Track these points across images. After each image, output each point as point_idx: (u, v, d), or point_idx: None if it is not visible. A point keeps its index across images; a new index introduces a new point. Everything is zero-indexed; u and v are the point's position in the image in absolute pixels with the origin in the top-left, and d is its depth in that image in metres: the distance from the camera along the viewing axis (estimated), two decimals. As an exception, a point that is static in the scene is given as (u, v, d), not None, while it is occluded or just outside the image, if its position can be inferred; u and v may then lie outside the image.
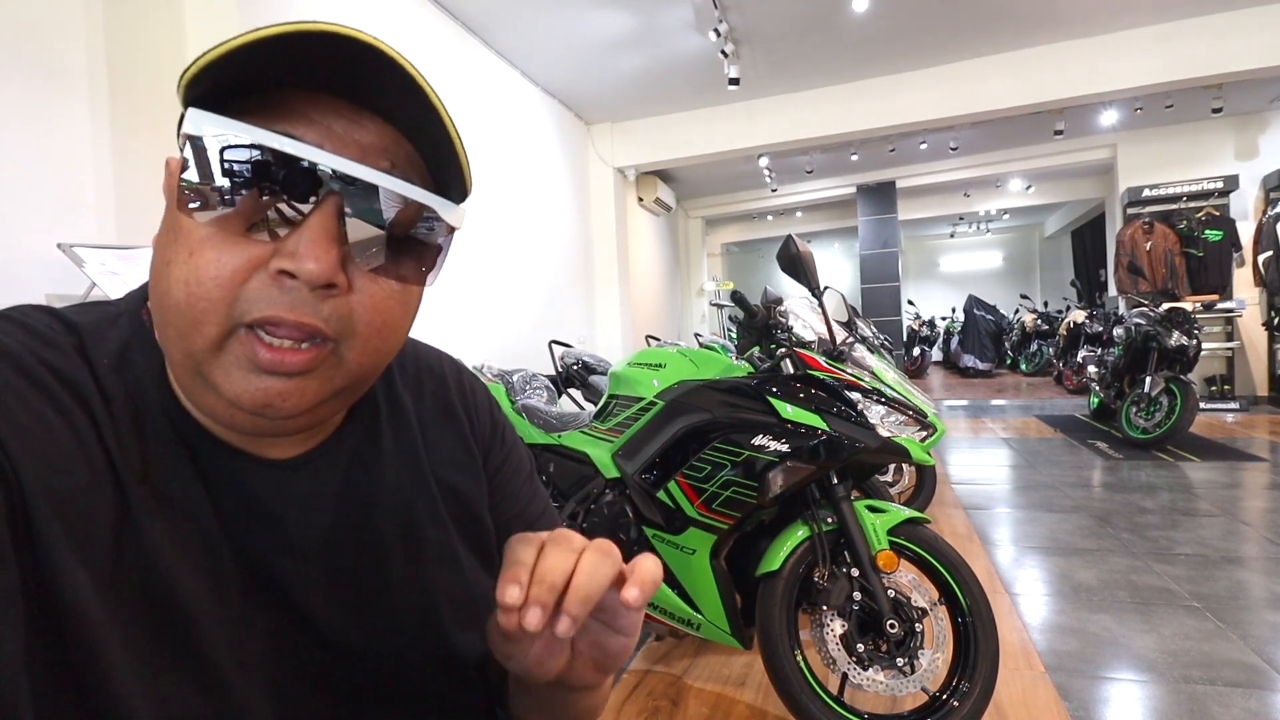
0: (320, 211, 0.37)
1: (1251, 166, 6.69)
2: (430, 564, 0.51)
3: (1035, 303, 11.49)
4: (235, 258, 0.37)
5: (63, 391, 0.37)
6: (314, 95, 0.39)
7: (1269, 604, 2.19)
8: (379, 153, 0.40)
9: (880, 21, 4.49)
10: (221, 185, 0.37)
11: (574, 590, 0.37)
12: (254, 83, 0.38)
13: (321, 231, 0.37)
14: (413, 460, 0.53)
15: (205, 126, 0.36)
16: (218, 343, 0.37)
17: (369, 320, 0.40)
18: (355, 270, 0.39)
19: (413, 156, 0.42)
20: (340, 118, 0.39)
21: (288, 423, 0.40)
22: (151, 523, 0.38)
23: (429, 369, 0.59)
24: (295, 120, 0.38)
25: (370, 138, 0.40)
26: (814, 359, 1.75)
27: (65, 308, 0.43)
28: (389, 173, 0.39)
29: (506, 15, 4.11)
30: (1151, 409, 4.72)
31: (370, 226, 0.39)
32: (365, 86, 0.39)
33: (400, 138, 0.41)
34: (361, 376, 0.42)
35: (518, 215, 4.77)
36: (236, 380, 0.38)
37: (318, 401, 0.40)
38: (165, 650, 0.37)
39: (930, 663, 1.46)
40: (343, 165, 0.37)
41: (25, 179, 2.03)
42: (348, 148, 0.39)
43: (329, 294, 0.38)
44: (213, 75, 0.36)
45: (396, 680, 0.48)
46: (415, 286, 0.43)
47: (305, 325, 0.37)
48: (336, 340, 0.39)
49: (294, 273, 0.36)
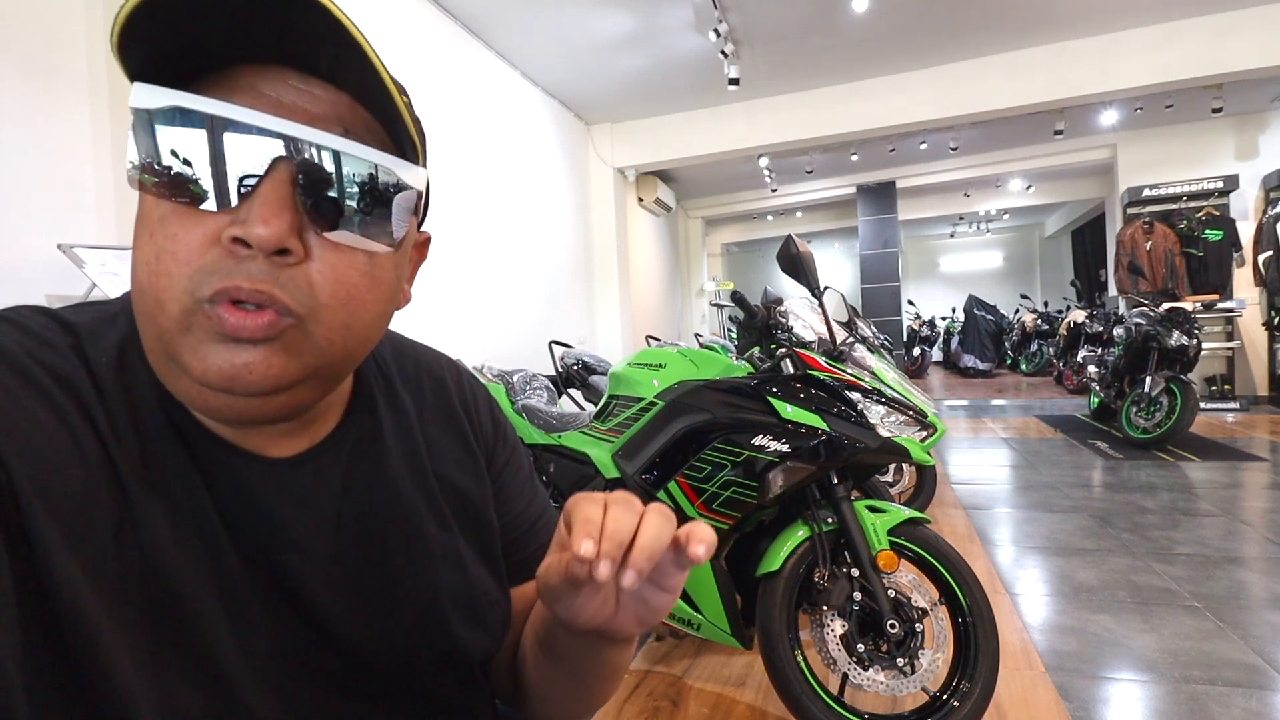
0: (271, 178, 0.37)
1: (1251, 166, 6.69)
2: (433, 562, 0.51)
3: (1035, 303, 11.49)
4: (191, 232, 0.37)
5: (59, 391, 0.37)
6: (263, 69, 0.39)
7: (1269, 604, 2.19)
8: (332, 120, 0.40)
9: (880, 21, 4.49)
10: (172, 159, 0.37)
11: (639, 548, 0.39)
12: (201, 63, 0.38)
13: (272, 197, 0.37)
14: (413, 459, 0.53)
15: (151, 99, 0.36)
16: (182, 321, 0.37)
17: (332, 292, 0.39)
18: (313, 239, 0.39)
19: (370, 123, 0.41)
20: (290, 88, 0.39)
21: (262, 402, 0.39)
22: (152, 520, 0.38)
23: (429, 371, 0.59)
24: (244, 92, 0.38)
25: (322, 106, 0.39)
26: (814, 359, 1.75)
27: (62, 308, 0.43)
28: (343, 137, 0.39)
29: (506, 15, 4.11)
30: (1152, 409, 4.72)
31: (325, 192, 0.39)
32: (308, 51, 0.38)
33: (355, 104, 0.40)
34: (335, 357, 0.41)
35: (518, 215, 4.77)
36: (203, 355, 0.37)
37: (287, 378, 0.39)
38: (167, 647, 0.37)
39: (930, 663, 1.46)
40: (291, 129, 0.37)
41: (25, 179, 2.03)
42: (298, 115, 0.38)
43: (285, 261, 0.37)
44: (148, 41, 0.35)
45: (400, 677, 0.48)
46: (382, 254, 0.42)
47: (262, 293, 0.37)
48: (302, 316, 0.38)
49: (245, 239, 0.36)
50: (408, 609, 0.49)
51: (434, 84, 3.84)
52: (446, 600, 0.50)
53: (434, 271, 3.72)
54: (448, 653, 0.50)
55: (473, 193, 4.17)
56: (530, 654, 0.57)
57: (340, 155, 0.39)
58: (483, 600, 0.53)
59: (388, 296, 0.44)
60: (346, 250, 0.40)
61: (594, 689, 0.55)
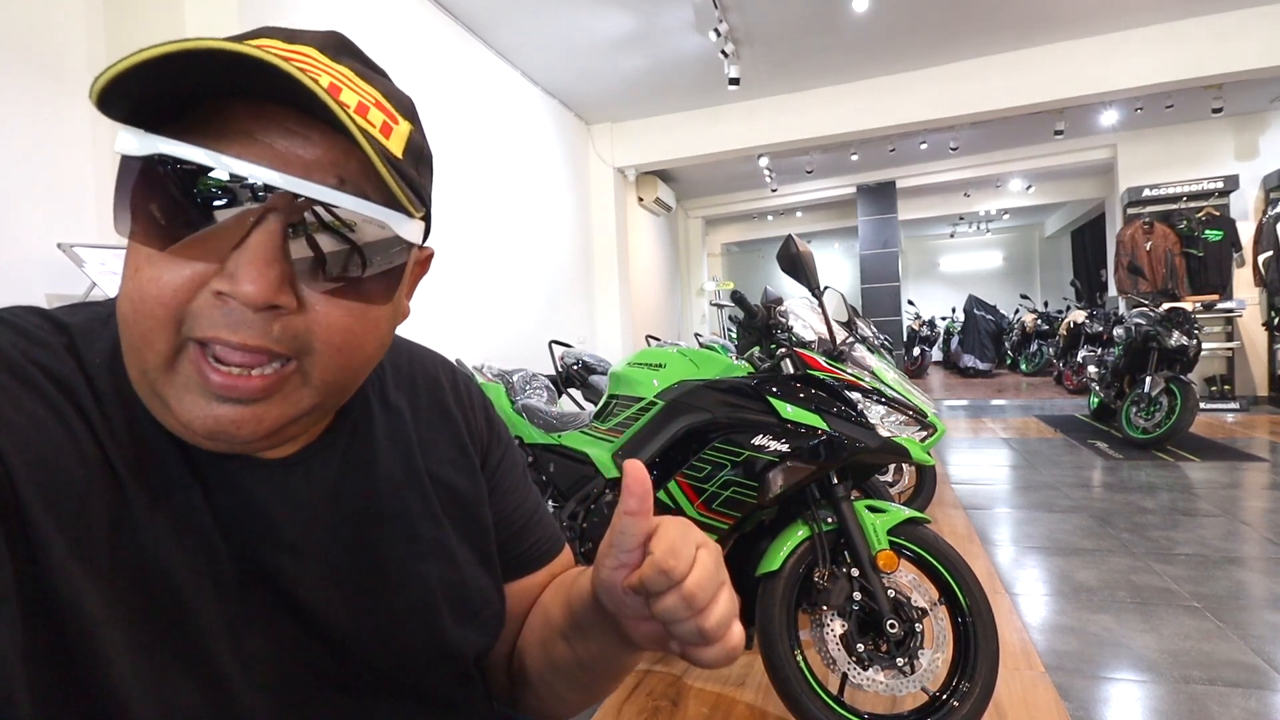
0: (261, 231, 0.36)
1: (1251, 166, 6.69)
2: (427, 560, 0.51)
3: (1035, 303, 11.48)
4: (176, 277, 0.36)
5: (54, 390, 0.37)
6: (259, 107, 0.37)
7: (1269, 604, 2.19)
8: (326, 167, 0.38)
9: (880, 21, 4.49)
10: (159, 206, 0.36)
11: (708, 632, 0.40)
12: (192, 96, 0.37)
13: (260, 252, 0.36)
14: (407, 459, 0.53)
15: (137, 145, 0.35)
16: (168, 359, 0.37)
17: (327, 339, 0.39)
18: (307, 289, 0.38)
19: (368, 168, 0.39)
20: (285, 132, 0.37)
21: (248, 446, 0.40)
22: (149, 518, 0.38)
23: (423, 370, 0.59)
24: (234, 137, 0.36)
25: (316, 152, 0.38)
26: (814, 359, 1.75)
27: (56, 308, 0.43)
28: (337, 188, 0.37)
29: (506, 15, 4.11)
30: (1151, 409, 4.71)
31: (318, 245, 0.38)
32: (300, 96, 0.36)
33: (352, 149, 0.38)
34: (330, 393, 0.41)
35: (518, 215, 4.77)
36: (188, 405, 0.37)
37: (278, 426, 0.39)
38: (164, 645, 0.37)
39: (930, 663, 1.46)
40: (283, 181, 0.36)
41: (25, 179, 2.03)
42: (290, 164, 0.37)
43: (277, 315, 0.37)
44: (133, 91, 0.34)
45: (395, 675, 0.48)
46: (378, 306, 0.41)
47: (249, 346, 0.36)
48: (297, 357, 0.38)
49: (231, 294, 0.36)
50: (401, 607, 0.49)
51: (434, 84, 3.84)
52: (440, 598, 0.51)
53: (434, 272, 3.68)
54: (442, 650, 0.51)
55: (473, 193, 4.17)
56: (536, 644, 0.58)
57: (333, 209, 0.37)
58: (477, 598, 0.54)
59: (387, 329, 0.44)
60: (341, 300, 0.39)
61: (600, 682, 0.56)
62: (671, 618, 0.40)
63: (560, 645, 0.54)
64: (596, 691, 0.57)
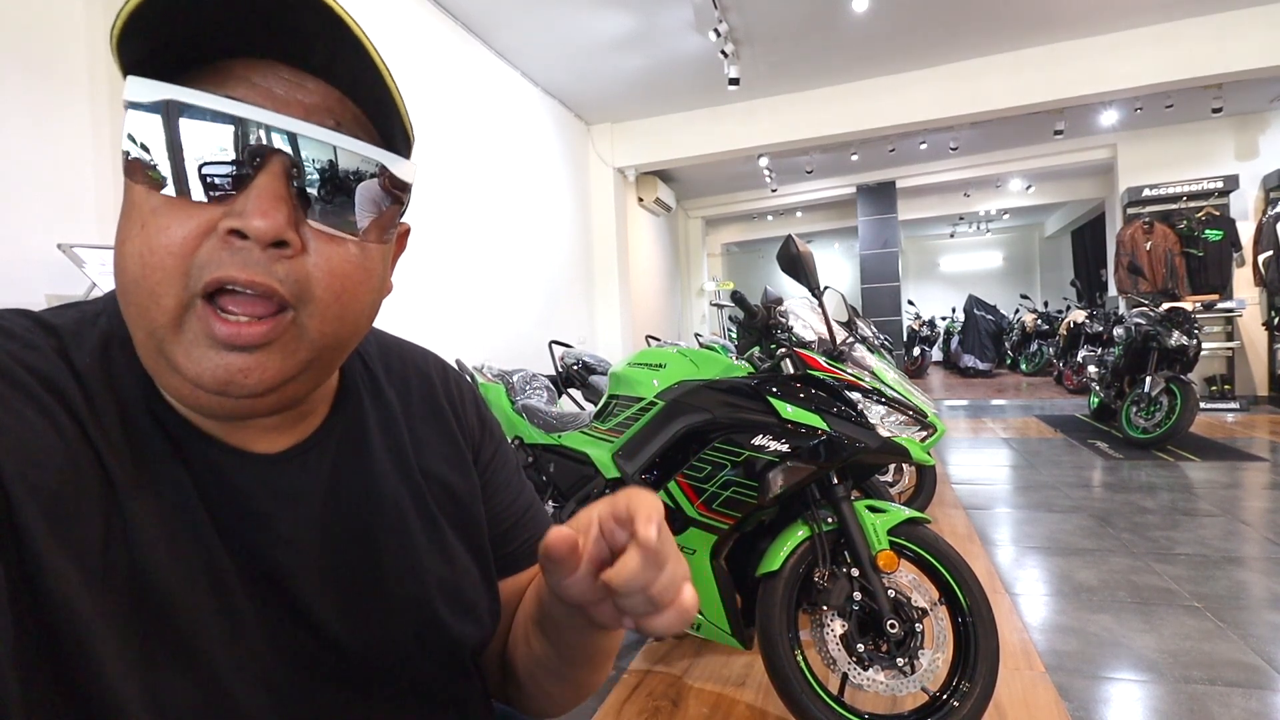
0: (267, 171, 0.37)
1: (1251, 166, 6.69)
2: (420, 554, 0.51)
3: (1035, 303, 11.48)
4: (186, 224, 0.37)
5: (43, 392, 0.37)
6: (255, 62, 0.39)
7: (1269, 604, 2.19)
8: (323, 112, 0.40)
9: (880, 21, 4.49)
10: (167, 152, 0.37)
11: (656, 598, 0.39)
12: (196, 54, 0.38)
13: (268, 190, 0.37)
14: (399, 455, 0.53)
15: (145, 92, 0.36)
16: (176, 316, 0.37)
17: (327, 284, 0.40)
18: (308, 231, 0.39)
19: (359, 116, 0.42)
20: (282, 80, 0.39)
21: (255, 402, 0.40)
22: (141, 517, 0.38)
23: (415, 368, 0.60)
24: (236, 84, 0.38)
25: (314, 98, 0.40)
26: (814, 359, 1.75)
27: (44, 310, 0.43)
28: (335, 130, 0.40)
29: (506, 15, 4.11)
30: (1152, 409, 4.71)
31: (320, 186, 0.39)
32: (304, 47, 0.39)
33: (344, 98, 0.41)
34: (326, 347, 0.42)
35: (518, 215, 4.77)
36: (197, 358, 0.37)
37: (281, 377, 0.40)
38: (157, 642, 0.37)
39: (930, 663, 1.46)
40: (286, 123, 0.38)
41: (25, 179, 2.03)
42: (291, 108, 0.39)
43: (281, 254, 0.38)
44: (148, 35, 0.36)
45: (391, 669, 0.49)
46: (374, 245, 0.43)
47: (258, 284, 0.37)
48: (295, 306, 0.39)
49: (243, 230, 0.36)
50: (396, 601, 0.49)
51: (434, 84, 3.83)
52: (435, 592, 0.51)
53: (435, 271, 3.72)
54: (438, 644, 0.51)
55: (473, 193, 4.17)
56: (521, 639, 0.58)
57: (335, 149, 0.39)
58: (471, 592, 0.54)
59: (377, 286, 0.45)
60: (340, 242, 0.41)
61: (581, 672, 0.55)
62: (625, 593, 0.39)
63: (537, 636, 0.54)
64: (579, 683, 0.56)
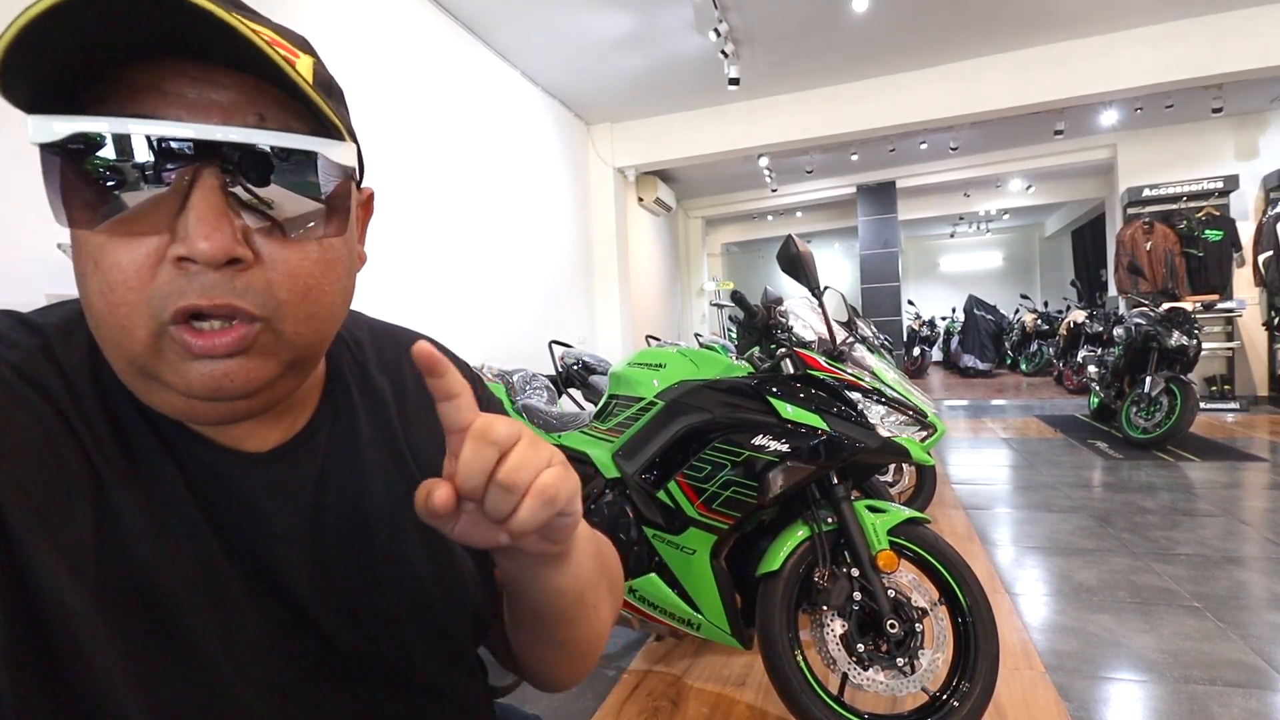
0: (200, 187, 0.35)
1: (1251, 166, 6.68)
2: (414, 545, 0.51)
3: (1035, 303, 11.48)
4: (135, 256, 0.35)
5: (30, 392, 0.37)
6: (158, 64, 0.36)
7: (1269, 604, 2.19)
8: (244, 107, 0.37)
9: (880, 21, 4.49)
10: (92, 189, 0.35)
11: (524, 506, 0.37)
12: (90, 68, 0.35)
13: (206, 208, 0.35)
14: (391, 443, 0.53)
15: (51, 130, 0.34)
16: (152, 344, 0.36)
17: (291, 287, 0.38)
18: (259, 240, 0.37)
19: (282, 100, 0.38)
20: (191, 81, 0.36)
21: (249, 402, 0.39)
22: (132, 515, 0.38)
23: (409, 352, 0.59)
24: (145, 96, 0.35)
25: (229, 94, 0.37)
26: (814, 359, 1.75)
27: (31, 310, 0.43)
28: (259, 126, 0.37)
29: (506, 15, 4.11)
30: (1151, 409, 4.71)
31: (258, 191, 0.37)
32: (201, 40, 0.35)
33: (263, 85, 0.37)
34: (307, 346, 0.41)
35: (518, 216, 4.77)
36: (184, 371, 0.37)
37: (267, 378, 0.39)
38: (151, 640, 0.37)
39: (930, 663, 1.46)
40: (207, 132, 0.35)
41: (25, 179, 2.03)
42: (209, 111, 0.36)
43: (237, 270, 0.36)
44: (31, 74, 0.33)
45: (389, 663, 0.48)
46: (332, 239, 0.41)
47: (222, 306, 0.36)
48: (266, 318, 0.38)
49: (190, 256, 0.35)
50: (392, 594, 0.49)
51: (434, 84, 3.84)
52: (430, 583, 0.51)
53: (435, 271, 3.72)
54: (434, 637, 0.51)
55: (473, 192, 4.17)
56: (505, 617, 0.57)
57: (262, 149, 0.37)
58: (467, 581, 0.53)
59: (345, 271, 0.43)
60: (295, 243, 0.39)
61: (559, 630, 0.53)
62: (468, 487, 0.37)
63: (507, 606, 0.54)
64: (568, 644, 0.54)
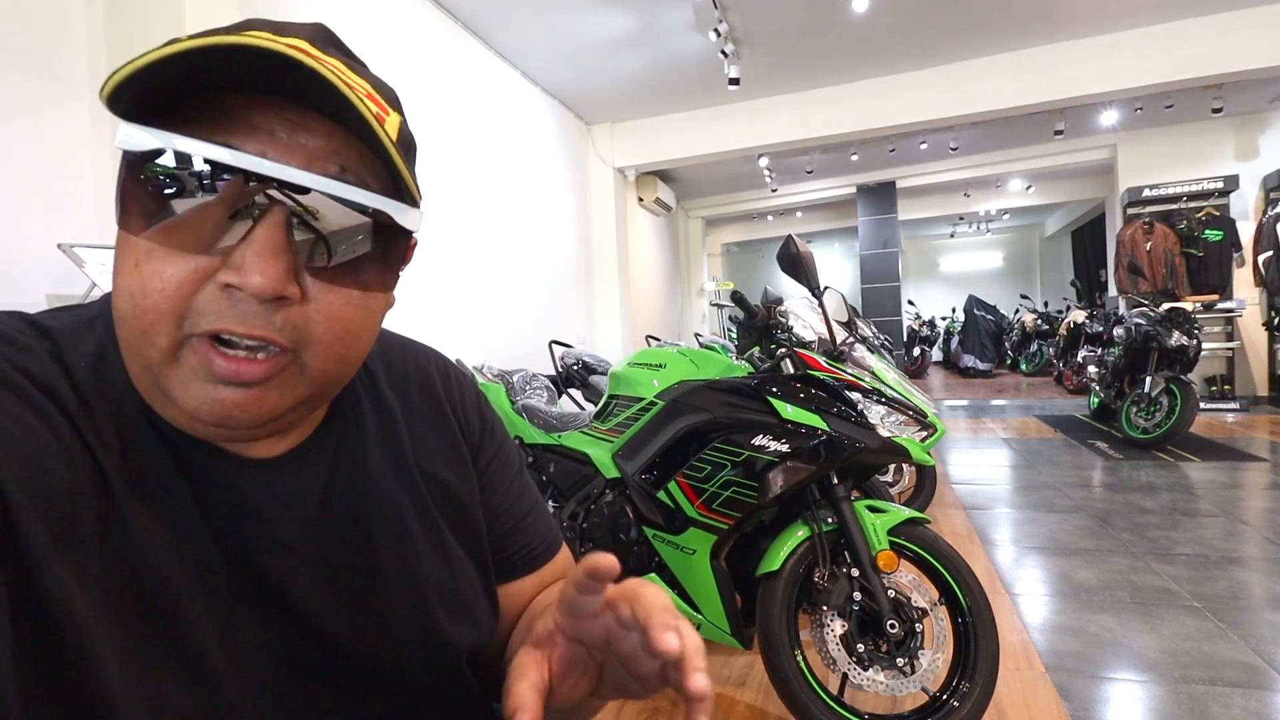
0: (266, 223, 0.37)
1: (1251, 166, 6.68)
2: (418, 557, 0.51)
3: (1035, 303, 11.48)
4: (181, 270, 0.36)
5: (39, 395, 0.37)
6: (253, 97, 0.38)
7: (1269, 604, 2.19)
8: (327, 156, 0.39)
9: (880, 21, 4.49)
10: (162, 199, 0.36)
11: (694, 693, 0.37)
12: (193, 89, 0.37)
13: (267, 244, 0.36)
14: (398, 456, 0.53)
15: (140, 140, 0.35)
16: (170, 353, 0.37)
17: (328, 328, 0.40)
18: (309, 279, 0.39)
19: (366, 156, 0.40)
20: (285, 122, 0.38)
21: (252, 431, 0.40)
22: (138, 521, 0.38)
23: (416, 366, 0.59)
24: (236, 128, 0.37)
25: (317, 141, 0.38)
26: (814, 359, 1.75)
27: (39, 313, 0.43)
28: (339, 177, 0.38)
29: (506, 15, 4.11)
30: (1152, 409, 4.71)
31: (321, 236, 0.38)
32: (306, 90, 0.37)
33: (350, 137, 0.39)
34: (326, 383, 0.42)
35: (518, 215, 4.77)
36: (193, 392, 0.37)
37: (279, 412, 0.40)
38: (155, 646, 0.37)
39: (930, 663, 1.46)
40: (286, 174, 0.36)
41: (25, 179, 2.03)
42: (293, 154, 0.38)
43: (281, 305, 0.37)
44: (140, 86, 0.35)
45: (388, 672, 0.48)
46: (377, 293, 0.42)
47: (256, 336, 0.37)
48: (295, 350, 0.39)
49: (240, 286, 0.36)
50: (394, 604, 0.49)
51: (434, 84, 3.83)
52: (433, 595, 0.51)
53: (435, 272, 3.72)
54: (435, 647, 0.50)
55: (473, 193, 4.17)
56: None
57: (336, 199, 0.38)
58: (470, 594, 0.53)
59: (379, 320, 0.45)
60: (342, 287, 0.40)
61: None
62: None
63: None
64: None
